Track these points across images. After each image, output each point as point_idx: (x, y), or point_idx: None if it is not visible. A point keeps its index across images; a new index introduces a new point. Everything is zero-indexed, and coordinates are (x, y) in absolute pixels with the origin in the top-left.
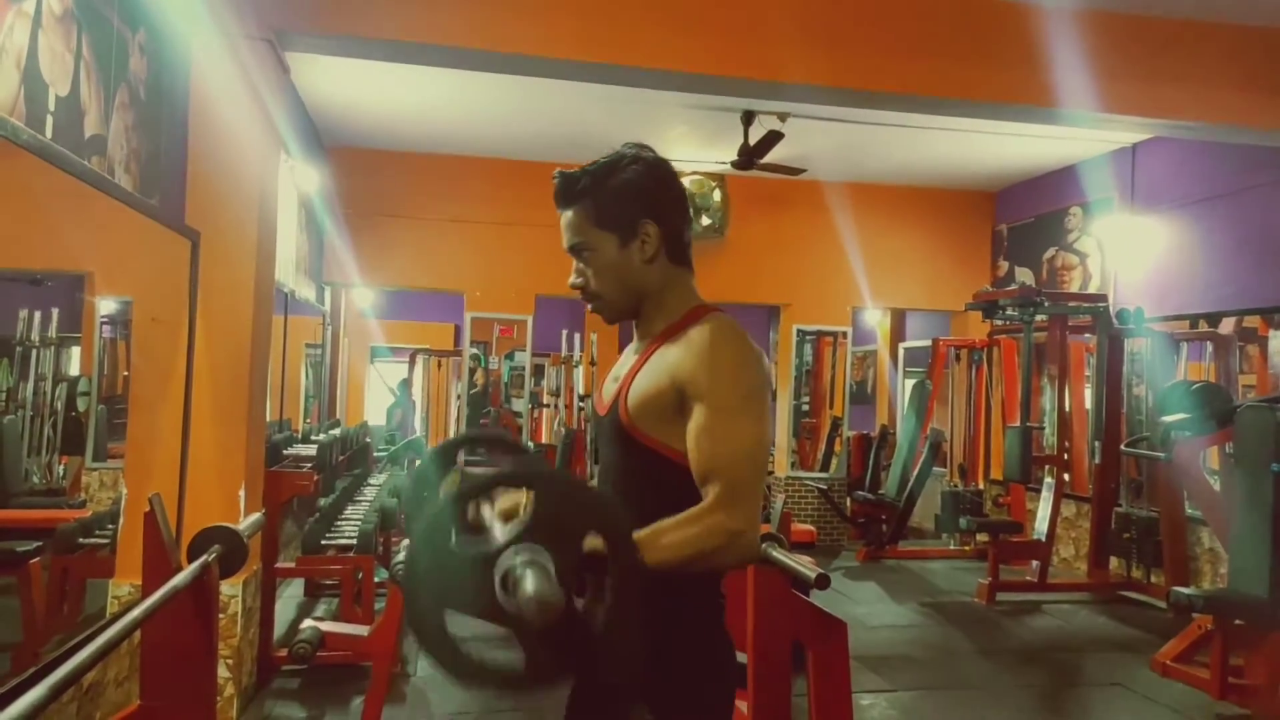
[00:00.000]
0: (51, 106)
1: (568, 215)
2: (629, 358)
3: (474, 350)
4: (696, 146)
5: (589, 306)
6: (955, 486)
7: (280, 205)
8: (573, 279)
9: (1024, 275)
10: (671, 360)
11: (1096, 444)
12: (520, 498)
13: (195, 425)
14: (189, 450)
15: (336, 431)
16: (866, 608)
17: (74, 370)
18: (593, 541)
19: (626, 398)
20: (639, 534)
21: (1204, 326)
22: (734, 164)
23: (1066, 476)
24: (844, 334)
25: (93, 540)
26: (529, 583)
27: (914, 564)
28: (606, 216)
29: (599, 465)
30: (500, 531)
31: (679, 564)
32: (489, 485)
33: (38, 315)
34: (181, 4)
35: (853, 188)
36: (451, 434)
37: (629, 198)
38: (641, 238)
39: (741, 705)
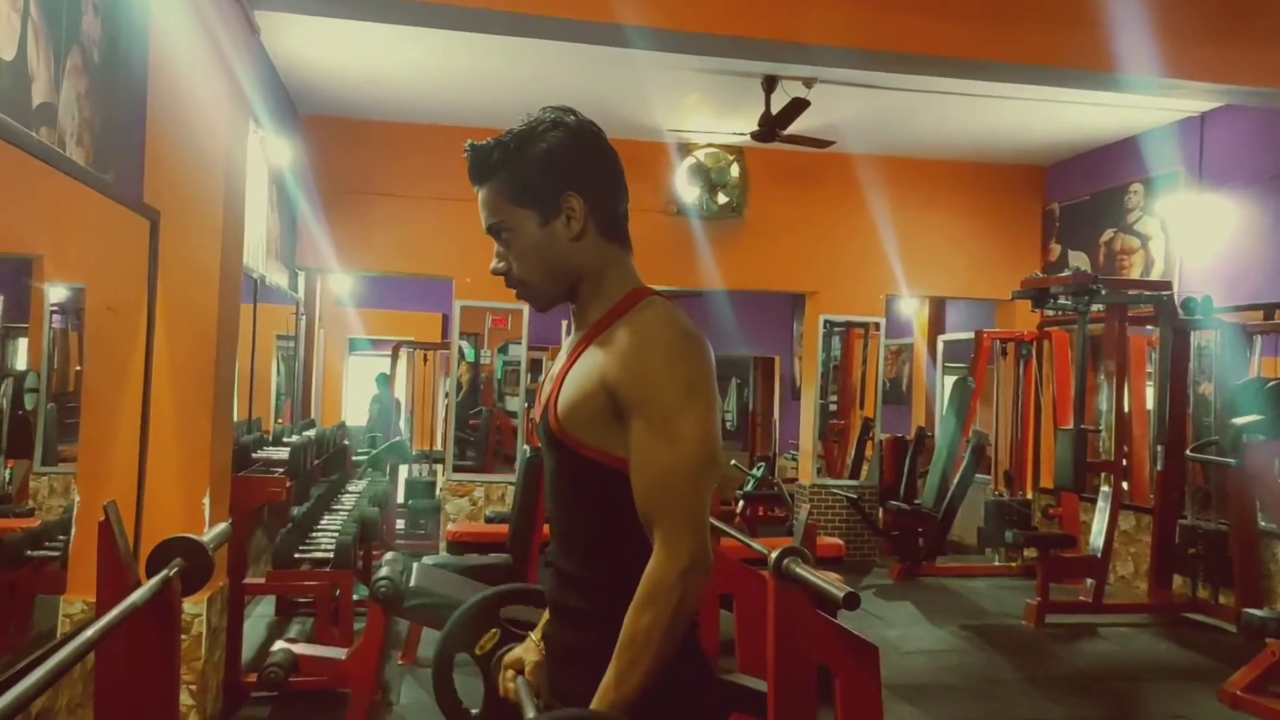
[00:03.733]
0: None
1: (483, 193)
2: (564, 352)
3: (464, 343)
4: (712, 116)
5: (515, 293)
6: (1000, 496)
7: (249, 181)
8: (494, 264)
9: (1078, 260)
10: (601, 360)
11: (1159, 449)
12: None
13: (155, 425)
14: (148, 453)
15: (311, 433)
16: (901, 630)
17: (20, 364)
18: None
19: (556, 401)
20: (604, 682)
21: None
22: (754, 135)
23: (1125, 485)
24: (876, 325)
25: (42, 552)
26: None
27: (954, 582)
28: (524, 191)
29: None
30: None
31: (659, 660)
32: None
33: None
34: None
35: (886, 162)
36: (440, 439)
37: (548, 169)
38: (565, 213)
39: None
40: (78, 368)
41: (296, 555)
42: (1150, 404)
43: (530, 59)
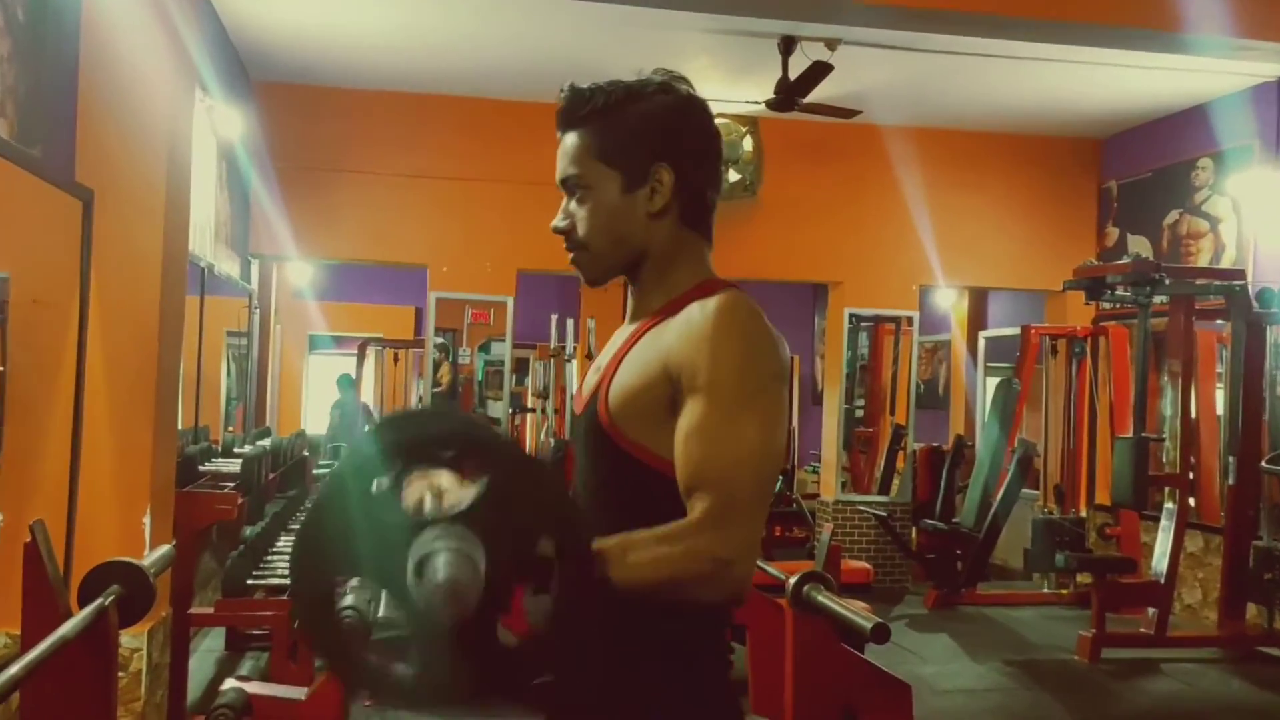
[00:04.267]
0: None
1: (568, 139)
2: (616, 341)
3: (439, 340)
4: (722, 82)
5: (570, 257)
6: (1050, 514)
7: (195, 157)
8: (557, 219)
9: (1138, 245)
10: (666, 342)
11: (1230, 460)
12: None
13: (89, 434)
14: (80, 466)
15: (266, 443)
16: (936, 667)
17: None
18: (545, 548)
19: (608, 391)
20: (603, 543)
21: None
22: (769, 104)
23: (1192, 501)
24: (909, 320)
25: None
26: (446, 568)
27: (997, 611)
28: (614, 149)
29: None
30: (431, 505)
31: (647, 588)
32: (434, 443)
33: None
34: None
35: (920, 134)
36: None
37: (647, 133)
38: (652, 185)
39: None
40: (0, 368)
41: (249, 581)
42: (1221, 409)
43: (512, 17)
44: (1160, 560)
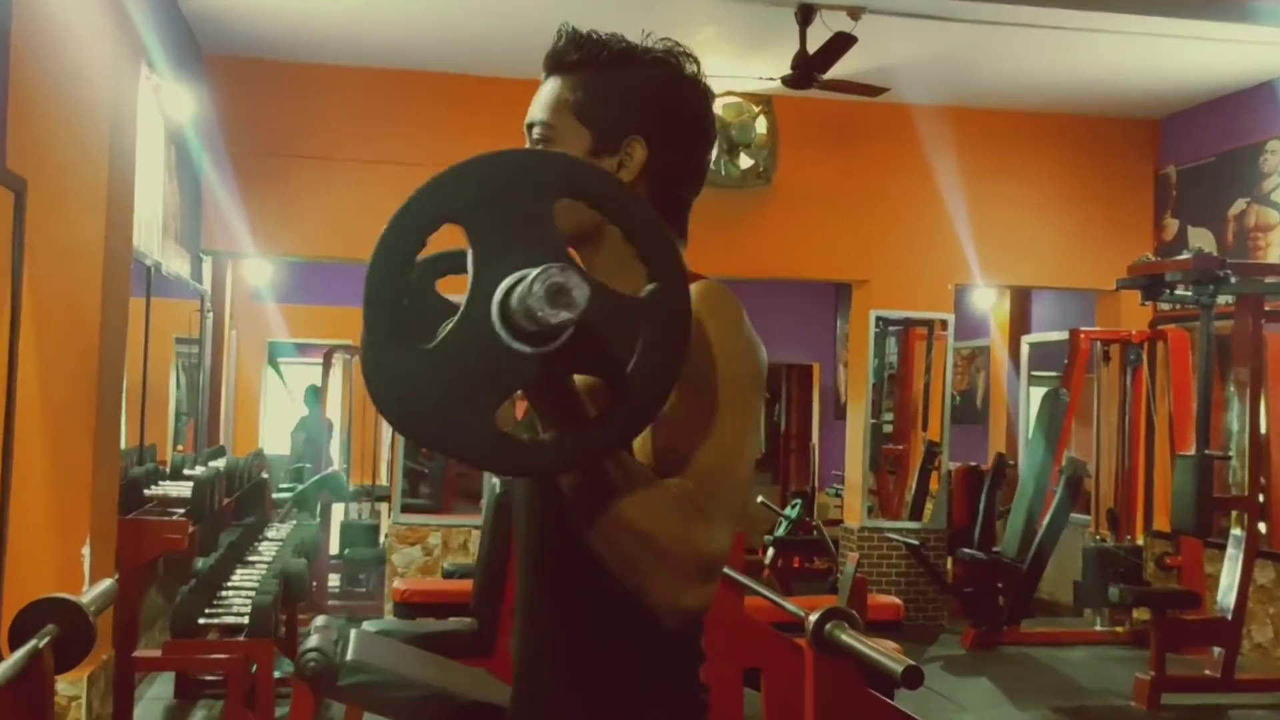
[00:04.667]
0: None
1: (549, 84)
2: None
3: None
4: (732, 56)
5: None
6: (1103, 541)
7: (140, 142)
8: None
9: (1200, 239)
10: None
11: None
12: None
13: (20, 454)
14: (11, 490)
15: (220, 463)
16: (975, 715)
17: None
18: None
19: None
20: (629, 460)
21: None
22: (786, 81)
23: (1262, 527)
24: (943, 323)
25: None
26: (580, 280)
27: (1043, 652)
28: (592, 107)
29: (516, 516)
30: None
31: (623, 523)
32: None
33: None
34: None
35: (954, 114)
36: (384, 471)
37: (631, 99)
38: (622, 156)
39: None
40: None
41: (201, 620)
42: None
43: None
44: (1227, 593)
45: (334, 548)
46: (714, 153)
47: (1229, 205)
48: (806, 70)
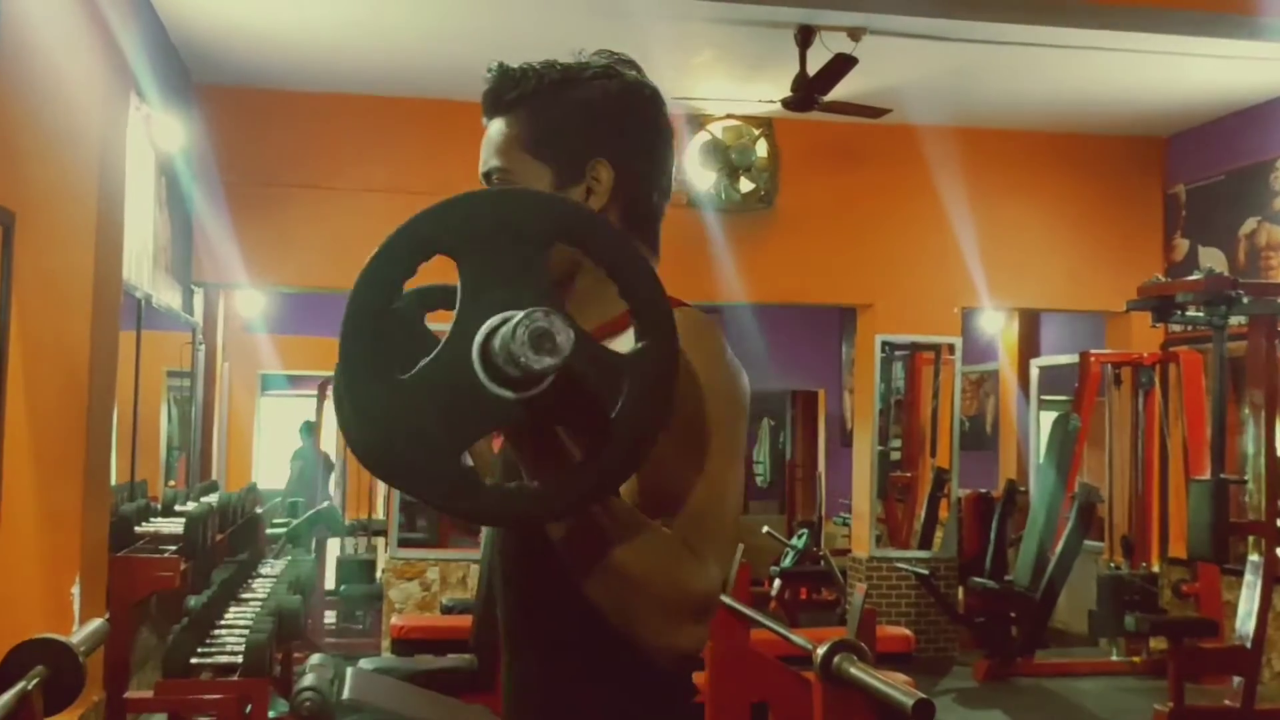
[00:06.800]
0: None
1: (494, 128)
2: None
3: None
4: (731, 78)
5: None
6: (1117, 569)
7: (131, 172)
8: None
9: (1211, 258)
10: None
11: None
12: None
13: (9, 490)
14: None
15: (213, 499)
16: None
17: None
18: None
19: None
20: (621, 505)
21: None
22: (786, 103)
23: None
24: (950, 347)
25: None
26: (565, 326)
27: (1058, 683)
28: (545, 141)
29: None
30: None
31: (612, 580)
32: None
33: None
34: None
35: (958, 135)
36: (381, 505)
37: (583, 122)
38: (588, 183)
39: None
40: None
41: (194, 660)
42: None
43: (489, 8)
44: (1245, 621)
45: (330, 583)
46: (675, 157)
47: (1240, 224)
48: (807, 92)
